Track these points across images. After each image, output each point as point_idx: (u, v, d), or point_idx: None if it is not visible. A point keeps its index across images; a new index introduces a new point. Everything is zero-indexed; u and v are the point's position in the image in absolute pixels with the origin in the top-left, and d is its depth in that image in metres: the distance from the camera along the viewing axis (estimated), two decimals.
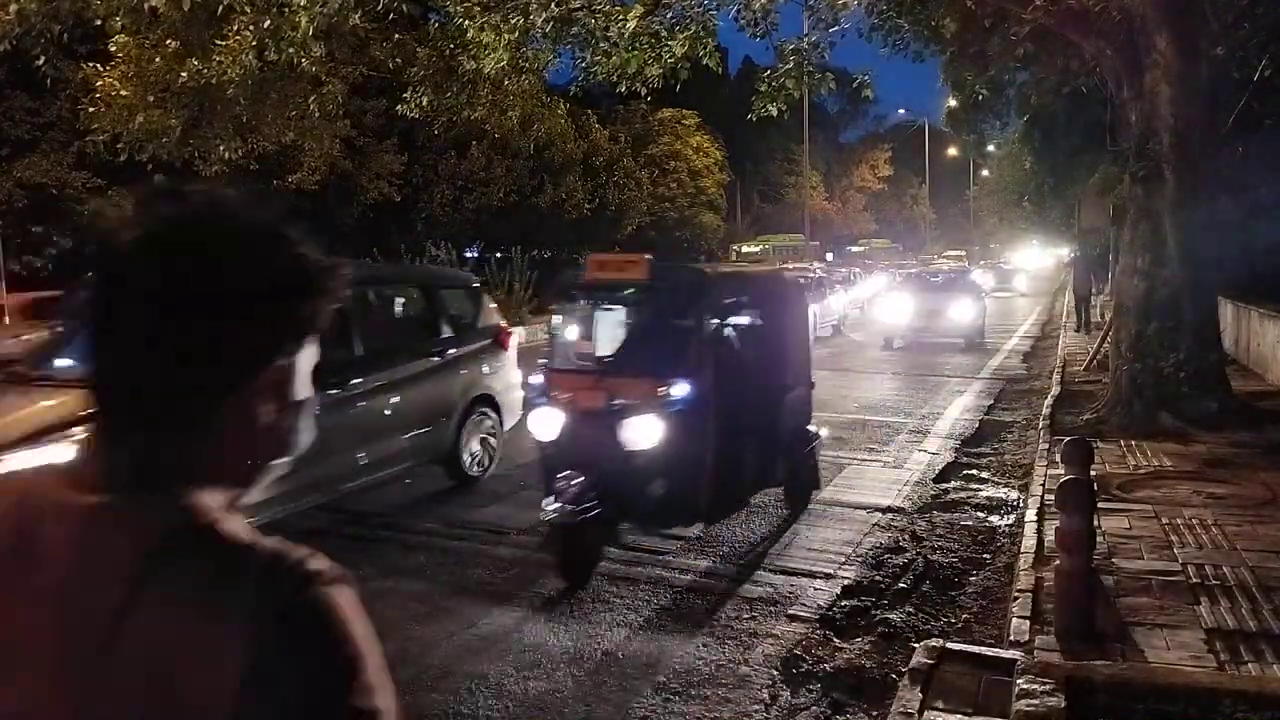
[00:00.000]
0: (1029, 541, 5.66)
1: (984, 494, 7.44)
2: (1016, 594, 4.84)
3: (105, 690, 0.76)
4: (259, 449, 0.88)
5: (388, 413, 6.65)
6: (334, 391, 6.00)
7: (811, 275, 21.08)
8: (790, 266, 23.05)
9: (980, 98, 12.61)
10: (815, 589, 5.27)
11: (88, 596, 0.78)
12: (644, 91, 10.36)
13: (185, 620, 0.75)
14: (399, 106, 11.52)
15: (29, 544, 0.82)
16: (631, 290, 6.00)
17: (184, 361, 0.80)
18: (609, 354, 5.99)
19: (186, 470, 0.83)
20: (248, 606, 0.75)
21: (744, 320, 6.25)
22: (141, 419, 0.82)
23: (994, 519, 6.72)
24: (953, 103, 16.50)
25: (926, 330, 17.98)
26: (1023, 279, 44.01)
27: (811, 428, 7.03)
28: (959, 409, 11.42)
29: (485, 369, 7.83)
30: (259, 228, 0.85)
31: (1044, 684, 3.66)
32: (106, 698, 0.76)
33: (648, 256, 5.86)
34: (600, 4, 9.42)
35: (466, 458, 7.43)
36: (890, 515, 6.80)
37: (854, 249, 56.64)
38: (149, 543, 0.78)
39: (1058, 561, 4.36)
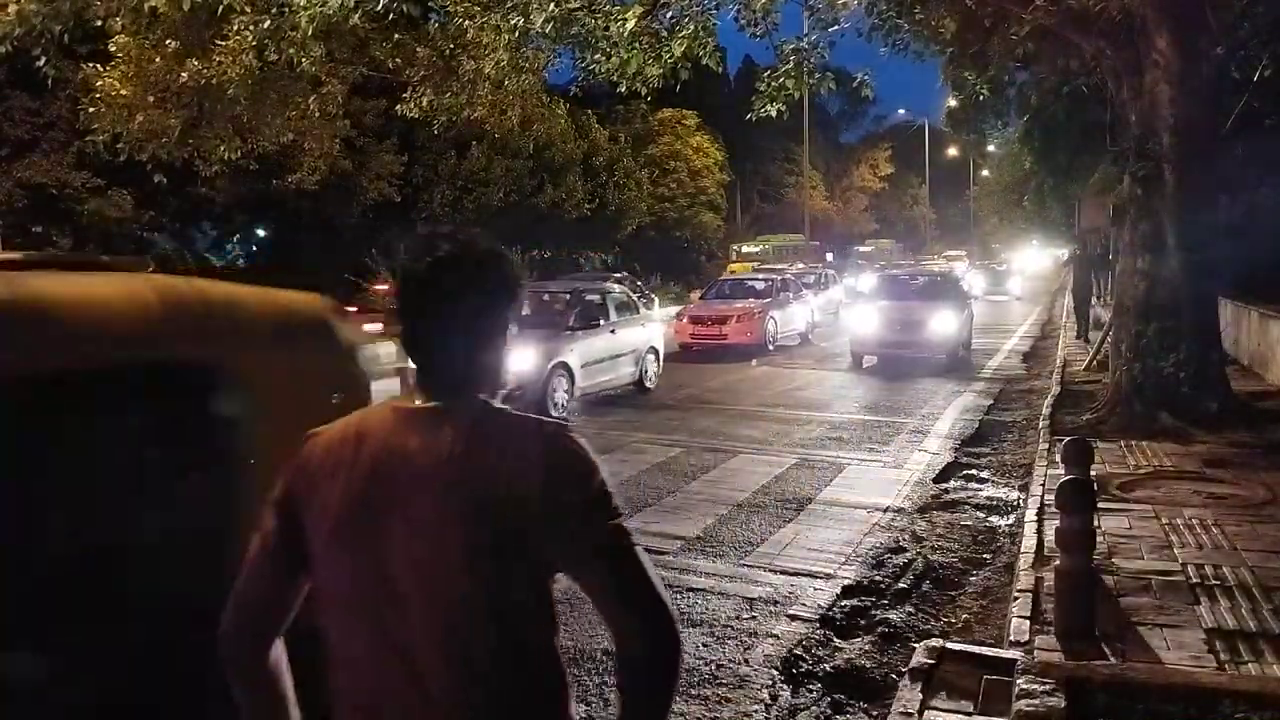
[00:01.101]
0: (1029, 541, 5.66)
1: (984, 494, 7.44)
2: (1016, 594, 4.84)
3: (463, 492, 1.32)
4: (499, 373, 1.48)
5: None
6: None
7: (773, 279, 20.09)
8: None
9: (980, 98, 12.61)
10: (815, 589, 5.27)
11: (443, 447, 1.34)
12: (644, 91, 10.36)
13: (504, 450, 1.35)
14: (399, 106, 11.53)
15: (372, 438, 1.38)
16: None
17: (470, 329, 1.41)
18: None
19: (475, 385, 1.43)
20: (539, 442, 1.37)
21: None
22: (449, 359, 1.41)
23: (994, 519, 6.72)
24: (953, 103, 16.52)
25: (900, 344, 14.86)
26: (1017, 282, 39.24)
27: None
28: (959, 409, 11.43)
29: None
30: (494, 253, 1.45)
31: (1044, 684, 3.67)
32: (465, 497, 1.32)
33: None
34: (600, 4, 9.42)
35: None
36: (890, 515, 6.80)
37: (862, 248, 56.72)
38: (473, 416, 1.39)
39: (1058, 561, 4.36)
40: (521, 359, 9.83)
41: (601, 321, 11.78)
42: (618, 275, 24.36)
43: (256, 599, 1.43)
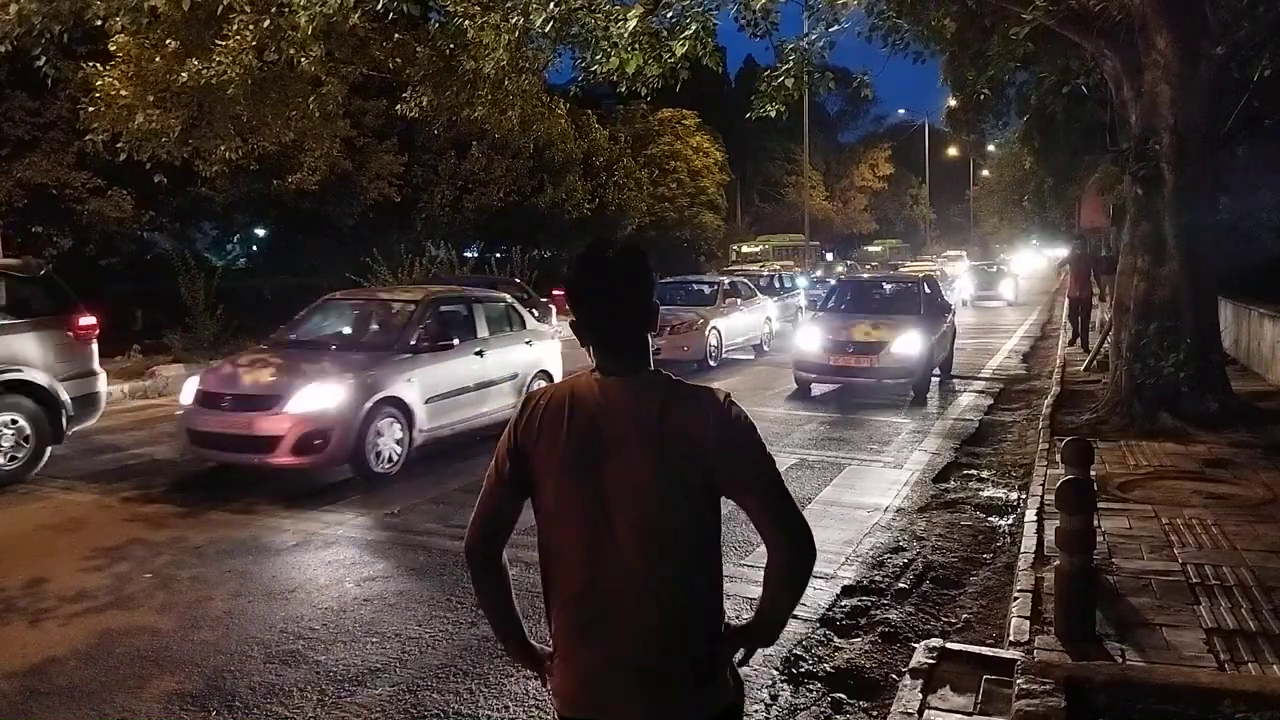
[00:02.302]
0: (1029, 541, 5.66)
1: (984, 494, 7.44)
2: (1016, 594, 4.84)
3: (661, 447, 1.78)
4: (651, 347, 1.95)
5: None
6: None
7: (719, 282, 17.52)
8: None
9: (980, 98, 12.60)
10: (815, 589, 5.27)
11: (645, 409, 1.81)
12: (644, 91, 10.35)
13: (689, 410, 1.80)
14: (399, 106, 11.52)
15: (584, 401, 1.85)
16: None
17: (639, 312, 1.88)
18: None
19: (647, 360, 1.89)
20: (713, 404, 1.82)
21: None
22: (628, 339, 1.87)
23: (994, 519, 6.72)
24: (953, 103, 16.51)
25: (849, 371, 11.93)
26: (1010, 285, 33.38)
27: None
28: (959, 409, 11.43)
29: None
30: (643, 252, 1.91)
31: (1044, 684, 3.66)
32: (665, 447, 1.78)
33: None
34: (600, 4, 9.42)
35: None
36: (890, 515, 6.80)
37: (871, 248, 56.95)
38: (664, 385, 1.84)
39: (1058, 561, 4.36)
40: (318, 396, 7.52)
41: (458, 341, 8.95)
42: (506, 279, 19.67)
43: (493, 516, 1.96)
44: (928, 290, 13.86)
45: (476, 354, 9.26)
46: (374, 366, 8.10)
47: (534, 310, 12.27)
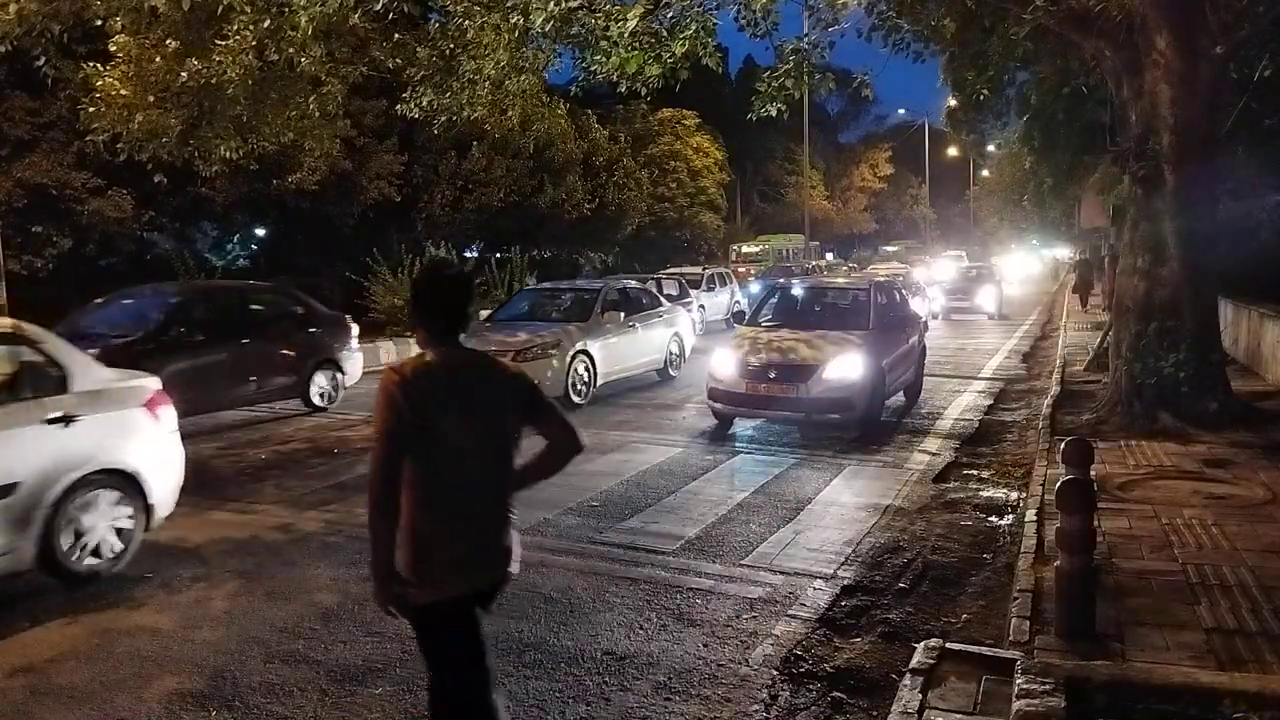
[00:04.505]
0: (1029, 541, 5.67)
1: (984, 494, 7.44)
2: (1016, 594, 4.85)
3: (500, 397, 2.79)
4: None
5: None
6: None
7: (598, 287, 13.56)
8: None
9: (980, 98, 12.59)
10: (815, 589, 5.27)
11: (484, 374, 2.79)
12: (644, 91, 10.34)
13: (507, 378, 2.85)
14: (399, 106, 11.50)
15: (444, 372, 2.71)
16: None
17: (469, 312, 2.81)
18: None
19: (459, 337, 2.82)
20: (512, 370, 2.92)
21: None
22: (461, 329, 2.80)
23: (994, 519, 6.72)
24: (953, 103, 16.48)
25: (771, 402, 9.51)
26: (991, 294, 26.14)
27: None
28: (959, 409, 11.43)
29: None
30: (471, 272, 3.28)
31: (1044, 684, 3.67)
32: (501, 399, 2.79)
33: None
34: (600, 4, 9.41)
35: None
36: (890, 515, 6.80)
37: (889, 248, 57.61)
38: (486, 359, 2.88)
39: (1058, 561, 4.36)
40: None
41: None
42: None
43: (393, 467, 2.60)
44: (881, 300, 11.02)
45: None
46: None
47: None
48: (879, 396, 9.79)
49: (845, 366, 9.41)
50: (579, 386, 11.72)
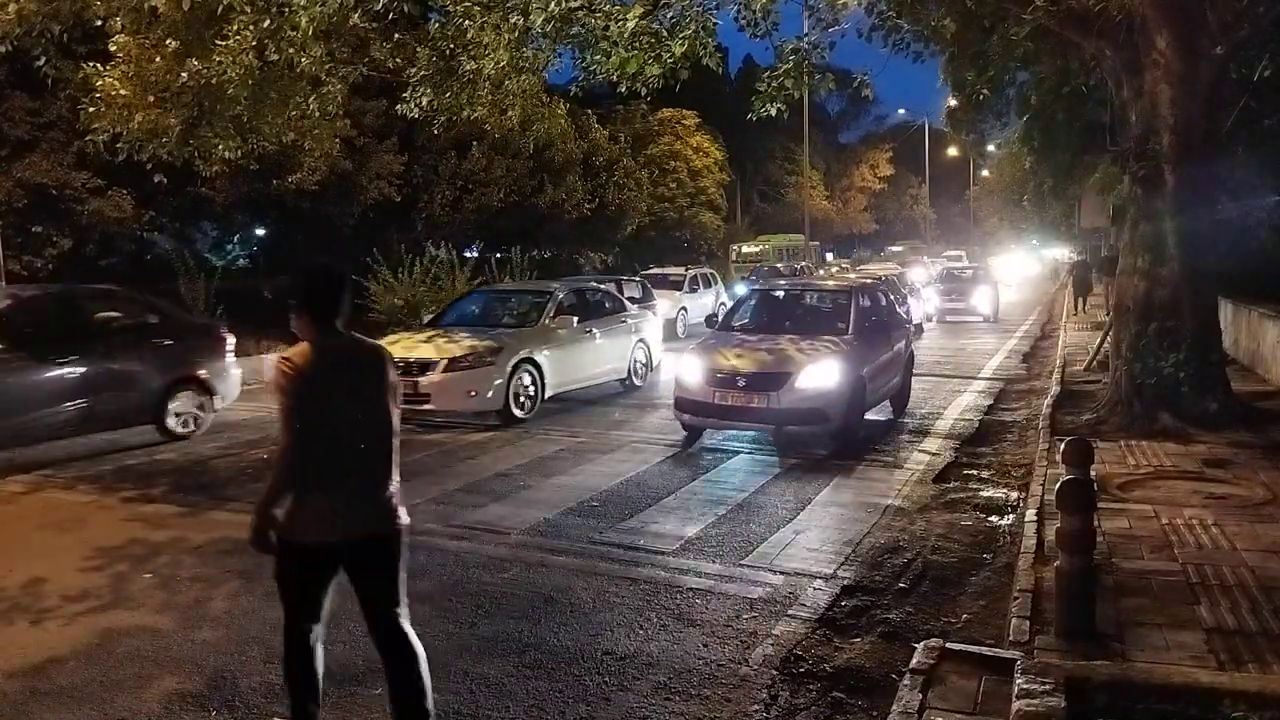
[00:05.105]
0: (1029, 541, 5.66)
1: (984, 494, 7.43)
2: (1016, 594, 4.84)
3: (380, 378, 3.29)
4: None
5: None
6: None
7: (548, 289, 12.49)
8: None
9: (980, 98, 12.59)
10: (815, 589, 5.27)
11: (364, 358, 3.33)
12: (644, 91, 10.34)
13: (376, 359, 3.34)
14: (399, 106, 11.49)
15: (339, 353, 3.27)
16: None
17: (347, 305, 3.32)
18: None
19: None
20: (385, 352, 3.41)
21: None
22: (342, 321, 3.30)
23: (994, 519, 6.72)
24: (953, 103, 16.48)
25: (746, 412, 8.87)
26: (986, 296, 25.21)
27: None
28: (959, 409, 11.42)
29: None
30: (345, 271, 3.41)
31: (1044, 684, 3.66)
32: (381, 380, 3.29)
33: None
34: (600, 4, 9.41)
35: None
36: (890, 515, 6.80)
37: (895, 248, 57.92)
38: (367, 344, 3.41)
39: (1058, 561, 4.36)
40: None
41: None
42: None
43: (299, 445, 3.08)
44: (864, 303, 10.33)
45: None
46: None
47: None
48: (857, 407, 9.14)
49: (819, 375, 8.76)
50: (522, 400, 10.59)
